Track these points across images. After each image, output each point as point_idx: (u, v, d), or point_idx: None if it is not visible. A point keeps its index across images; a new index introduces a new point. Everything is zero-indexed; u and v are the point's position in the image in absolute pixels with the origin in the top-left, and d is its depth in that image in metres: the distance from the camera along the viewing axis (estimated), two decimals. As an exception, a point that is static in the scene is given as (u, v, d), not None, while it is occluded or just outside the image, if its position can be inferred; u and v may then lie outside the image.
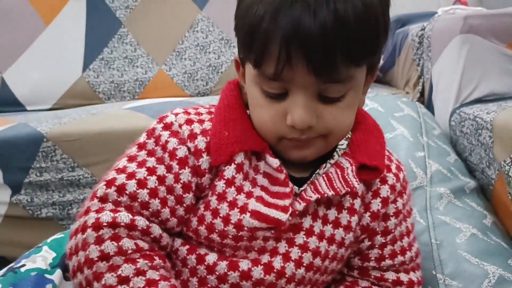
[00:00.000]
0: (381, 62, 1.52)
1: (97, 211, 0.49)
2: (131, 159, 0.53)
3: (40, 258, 0.55)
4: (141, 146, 0.54)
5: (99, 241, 0.47)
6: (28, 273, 0.53)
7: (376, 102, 1.00)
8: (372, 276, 0.58)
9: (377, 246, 0.57)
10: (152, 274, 0.47)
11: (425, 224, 0.76)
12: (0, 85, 1.68)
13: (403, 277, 0.58)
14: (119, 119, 1.29)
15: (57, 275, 0.53)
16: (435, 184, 0.83)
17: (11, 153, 1.20)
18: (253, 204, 0.51)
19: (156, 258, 0.49)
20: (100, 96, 1.68)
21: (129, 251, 0.47)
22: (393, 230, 0.58)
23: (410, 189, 0.61)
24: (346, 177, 0.53)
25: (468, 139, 0.94)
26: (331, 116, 0.49)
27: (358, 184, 0.53)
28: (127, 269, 0.46)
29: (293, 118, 0.48)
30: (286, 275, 0.51)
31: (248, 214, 0.50)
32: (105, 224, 0.48)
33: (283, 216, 0.50)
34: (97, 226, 0.48)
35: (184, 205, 0.52)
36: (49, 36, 1.72)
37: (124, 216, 0.48)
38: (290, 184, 0.52)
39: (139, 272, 0.46)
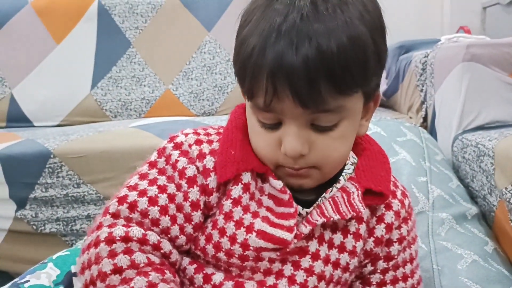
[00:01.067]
0: (385, 87, 1.54)
1: (110, 226, 0.50)
2: (143, 177, 0.54)
3: (45, 275, 0.56)
4: (152, 165, 0.55)
5: (112, 254, 0.48)
6: None
7: (379, 126, 1.01)
8: None
9: (379, 271, 0.58)
10: (164, 287, 0.48)
11: (427, 250, 0.76)
12: (9, 101, 1.71)
13: None
14: (125, 138, 1.31)
15: None
16: (437, 209, 0.84)
17: (17, 168, 1.21)
18: (259, 224, 0.51)
19: (167, 272, 0.49)
20: (107, 114, 1.70)
21: (141, 265, 0.48)
22: (395, 256, 0.58)
23: (415, 216, 0.61)
24: (352, 201, 0.53)
25: (470, 165, 0.95)
26: (323, 145, 0.50)
27: (364, 209, 0.53)
28: (139, 282, 0.47)
29: (284, 146, 0.50)
30: None
31: (254, 233, 0.51)
32: (118, 238, 0.49)
33: (288, 236, 0.51)
34: (110, 240, 0.49)
35: (193, 223, 0.53)
36: (59, 55, 1.76)
37: (136, 231, 0.49)
38: (294, 205, 0.53)
39: (151, 285, 0.47)
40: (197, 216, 0.53)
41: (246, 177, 0.53)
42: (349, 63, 0.46)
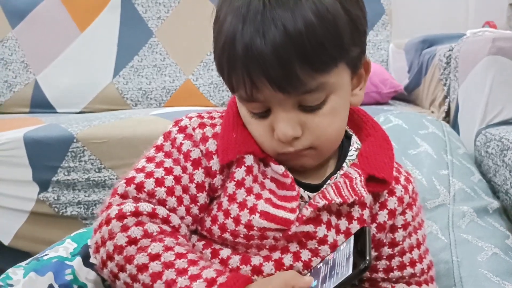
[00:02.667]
0: (407, 81, 1.53)
1: (119, 205, 0.51)
2: (150, 160, 0.55)
3: (62, 248, 0.58)
4: (159, 148, 0.56)
5: (125, 228, 0.49)
6: (49, 260, 0.56)
7: (401, 119, 1.00)
8: None
9: (384, 257, 0.58)
10: (180, 249, 0.49)
11: (446, 242, 0.76)
12: (33, 87, 1.74)
13: None
14: (146, 125, 1.33)
15: (76, 261, 0.56)
16: (458, 202, 0.83)
17: (41, 151, 1.24)
18: (262, 205, 0.52)
19: (180, 237, 0.51)
20: (128, 102, 1.72)
21: (154, 233, 0.49)
22: (400, 242, 0.57)
23: (420, 201, 0.61)
24: (355, 186, 0.54)
25: (493, 159, 0.94)
26: (315, 124, 0.51)
27: (367, 194, 0.53)
28: (156, 247, 0.48)
29: (276, 133, 0.50)
30: None
31: (258, 214, 0.52)
32: (128, 213, 0.50)
33: (290, 216, 0.51)
34: (121, 216, 0.50)
35: (198, 204, 0.54)
36: (83, 43, 1.78)
37: (146, 206, 0.51)
38: (297, 188, 0.54)
39: (168, 248, 0.48)
40: (202, 197, 0.54)
41: (249, 159, 0.54)
42: (320, 40, 0.46)
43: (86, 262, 0.56)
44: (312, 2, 0.46)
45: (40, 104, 1.73)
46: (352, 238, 0.50)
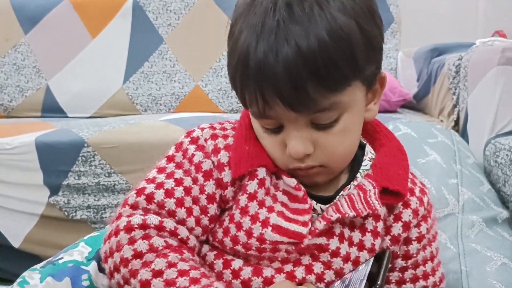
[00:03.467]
0: (416, 89, 1.53)
1: (128, 216, 0.52)
2: (161, 170, 0.55)
3: (77, 252, 0.58)
4: (170, 159, 0.56)
5: (132, 241, 0.50)
6: (65, 265, 0.56)
7: (410, 127, 1.00)
8: None
9: (397, 269, 0.58)
10: (183, 265, 0.49)
11: (455, 251, 0.75)
12: (45, 92, 1.76)
13: None
14: (155, 130, 1.34)
15: (92, 266, 0.56)
16: (467, 212, 0.83)
17: (52, 156, 1.25)
18: (274, 219, 0.52)
19: (185, 251, 0.51)
20: (137, 107, 1.74)
21: (160, 248, 0.50)
22: (414, 255, 0.57)
23: (434, 213, 0.61)
24: (368, 199, 0.53)
25: (502, 169, 0.94)
26: (326, 142, 0.50)
27: (380, 207, 0.53)
28: (159, 263, 0.49)
29: (288, 149, 0.50)
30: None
31: (270, 228, 0.52)
32: (136, 226, 0.50)
33: (303, 230, 0.51)
34: (129, 228, 0.50)
35: (209, 215, 0.54)
36: (94, 49, 1.81)
37: (153, 218, 0.51)
38: (309, 201, 0.53)
39: (171, 265, 0.49)
40: (213, 208, 0.54)
41: (262, 172, 0.53)
42: (333, 58, 0.45)
43: (101, 267, 0.56)
44: (327, 20, 0.45)
45: (51, 108, 1.75)
46: (371, 259, 0.49)
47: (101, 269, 0.56)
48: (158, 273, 0.48)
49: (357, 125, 0.53)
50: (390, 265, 0.57)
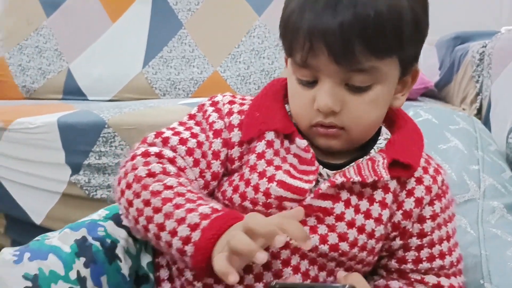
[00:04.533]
0: (438, 78, 1.51)
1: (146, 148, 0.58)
2: (181, 124, 0.62)
3: (96, 214, 0.62)
4: (191, 117, 0.63)
5: (147, 163, 0.55)
6: (83, 222, 0.60)
7: (431, 114, 0.99)
8: (412, 279, 0.58)
9: (413, 248, 0.58)
10: (192, 189, 0.54)
11: (475, 236, 0.75)
12: (66, 75, 1.79)
13: (444, 281, 0.58)
14: (174, 113, 1.35)
15: (108, 223, 0.59)
16: (488, 198, 0.82)
17: (74, 136, 1.28)
18: (280, 175, 0.55)
19: (193, 183, 0.56)
20: (156, 92, 1.75)
21: (172, 173, 0.55)
22: (429, 233, 0.58)
23: (451, 195, 0.61)
24: (376, 167, 0.55)
25: (525, 157, 0.92)
26: (355, 106, 0.53)
27: (387, 175, 0.54)
28: (171, 181, 0.53)
29: (317, 101, 0.53)
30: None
31: (275, 183, 0.55)
32: (152, 153, 0.56)
33: (305, 185, 0.54)
34: (145, 154, 0.56)
35: (211, 170, 0.59)
36: (114, 33, 1.82)
37: (168, 152, 0.57)
38: (316, 163, 0.56)
39: (181, 184, 0.54)
40: (216, 165, 0.59)
41: (270, 135, 0.58)
42: (384, 27, 0.50)
43: (118, 225, 0.59)
44: None
45: (72, 91, 1.77)
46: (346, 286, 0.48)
47: (118, 225, 0.59)
48: (169, 187, 0.53)
49: (384, 103, 0.56)
50: (401, 242, 0.58)
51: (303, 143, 0.56)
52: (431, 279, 0.58)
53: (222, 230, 0.48)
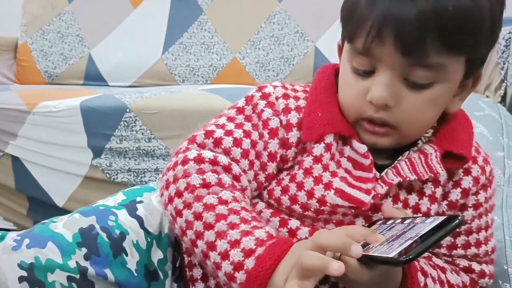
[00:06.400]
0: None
1: (197, 150, 0.52)
2: (230, 119, 0.56)
3: (112, 199, 0.59)
4: (240, 111, 0.57)
5: (201, 172, 0.50)
6: (97, 207, 0.56)
7: (455, 100, 0.98)
8: (443, 260, 0.58)
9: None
10: (246, 205, 0.50)
11: (499, 221, 0.74)
12: (87, 60, 1.81)
13: (475, 266, 0.58)
14: (195, 98, 1.36)
15: (122, 212, 0.56)
16: (513, 184, 0.81)
17: (96, 119, 1.30)
18: (337, 183, 0.52)
19: (246, 197, 0.52)
20: (175, 78, 1.76)
21: (227, 185, 0.51)
22: (469, 221, 0.56)
23: (495, 185, 0.59)
24: (430, 162, 0.52)
25: (551, 145, 0.91)
26: (410, 103, 0.49)
27: (442, 170, 0.52)
28: (226, 195, 0.49)
29: (372, 92, 0.49)
30: None
31: (333, 191, 0.52)
32: (207, 160, 0.51)
33: (366, 198, 0.51)
34: (199, 160, 0.51)
35: (266, 172, 0.54)
36: (135, 19, 1.83)
37: (224, 158, 0.52)
38: (374, 171, 0.53)
39: (236, 199, 0.50)
40: (271, 167, 0.54)
41: (329, 137, 0.53)
42: (463, 22, 0.46)
43: (132, 214, 0.56)
44: None
45: (93, 76, 1.80)
46: (441, 217, 0.45)
47: (132, 215, 0.56)
48: (224, 202, 0.49)
49: (442, 104, 0.52)
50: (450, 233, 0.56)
51: (362, 148, 0.52)
52: (462, 261, 0.57)
53: (280, 259, 0.44)
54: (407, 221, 0.47)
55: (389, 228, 0.47)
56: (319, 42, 1.68)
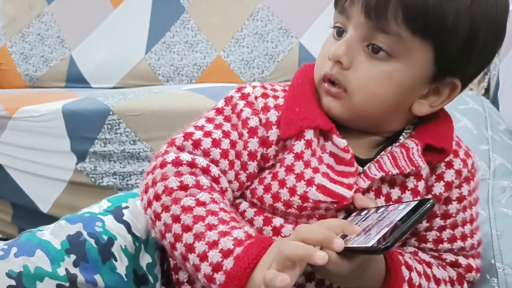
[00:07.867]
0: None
1: (176, 153, 0.52)
2: (209, 120, 0.56)
3: (97, 206, 0.59)
4: (219, 111, 0.57)
5: (179, 174, 0.50)
6: (82, 214, 0.56)
7: (439, 94, 0.98)
8: (430, 255, 0.58)
9: (435, 228, 0.57)
10: (225, 206, 0.50)
11: (486, 215, 0.75)
12: (68, 62, 1.78)
13: (462, 260, 0.58)
14: (179, 99, 1.35)
15: (108, 218, 0.56)
16: (498, 177, 0.82)
17: (79, 123, 1.28)
18: (319, 179, 0.52)
19: (225, 198, 0.52)
20: (159, 78, 1.74)
21: (205, 187, 0.51)
22: (454, 215, 0.57)
23: (478, 178, 0.60)
24: (411, 156, 0.53)
25: (535, 136, 0.91)
26: (365, 70, 0.51)
27: (424, 164, 0.52)
28: (204, 196, 0.49)
29: (331, 49, 0.52)
30: None
31: (315, 187, 0.52)
32: (184, 162, 0.51)
33: (347, 193, 0.52)
34: (177, 162, 0.51)
35: (247, 171, 0.54)
36: (116, 19, 1.80)
37: (202, 160, 0.52)
38: (355, 164, 0.53)
39: (214, 201, 0.49)
40: (252, 166, 0.54)
41: (309, 134, 0.53)
42: (428, 4, 0.47)
43: (118, 220, 0.57)
44: None
45: (75, 79, 1.77)
46: (413, 202, 0.46)
47: (118, 220, 0.57)
48: (202, 204, 0.49)
49: (399, 86, 0.51)
50: (427, 225, 0.57)
51: (342, 142, 0.53)
52: (448, 256, 0.58)
53: (258, 258, 0.44)
54: (381, 209, 0.48)
55: (364, 218, 0.48)
56: (303, 38, 1.67)
